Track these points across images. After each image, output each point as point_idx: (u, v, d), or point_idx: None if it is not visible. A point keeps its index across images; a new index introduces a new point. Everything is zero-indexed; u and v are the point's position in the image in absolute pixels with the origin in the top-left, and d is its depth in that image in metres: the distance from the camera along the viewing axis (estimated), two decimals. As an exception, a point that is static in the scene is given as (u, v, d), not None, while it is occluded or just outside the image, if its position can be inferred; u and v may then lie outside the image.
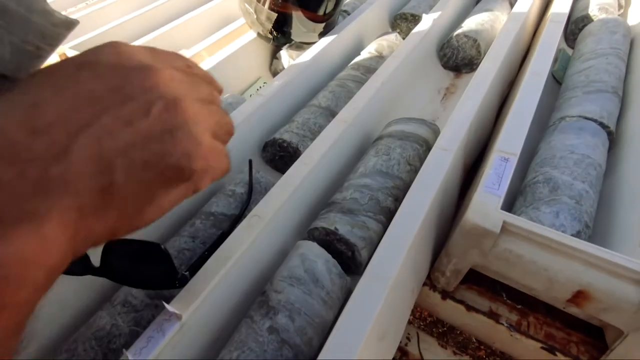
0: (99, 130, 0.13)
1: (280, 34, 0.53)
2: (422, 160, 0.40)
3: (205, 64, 0.50)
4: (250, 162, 0.38)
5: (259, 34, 0.55)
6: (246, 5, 0.51)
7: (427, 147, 0.41)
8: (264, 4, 0.50)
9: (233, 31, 0.58)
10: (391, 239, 0.27)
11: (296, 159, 0.41)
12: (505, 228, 0.27)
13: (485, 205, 0.28)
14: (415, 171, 0.39)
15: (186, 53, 0.53)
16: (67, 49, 0.62)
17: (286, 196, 0.32)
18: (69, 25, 0.20)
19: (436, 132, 0.42)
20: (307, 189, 0.35)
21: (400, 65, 0.47)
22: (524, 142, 0.33)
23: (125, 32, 0.62)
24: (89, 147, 0.13)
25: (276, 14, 0.50)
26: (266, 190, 0.37)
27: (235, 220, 0.33)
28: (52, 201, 0.12)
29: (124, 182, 0.14)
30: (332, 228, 0.32)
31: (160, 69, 0.15)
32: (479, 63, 0.57)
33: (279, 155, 0.44)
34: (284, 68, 0.57)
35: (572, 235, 0.29)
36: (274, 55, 0.59)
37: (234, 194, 0.36)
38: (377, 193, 0.34)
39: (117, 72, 0.15)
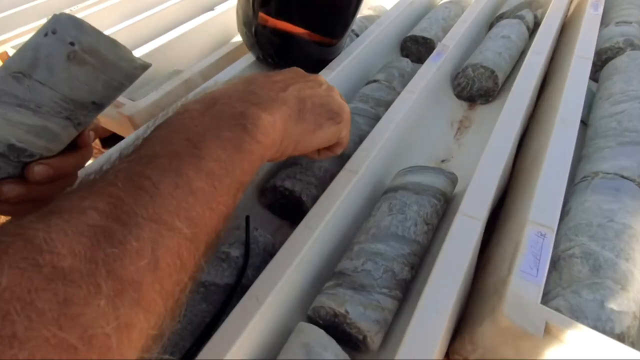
0: (297, 87, 0.28)
1: (281, 59, 0.48)
2: (439, 216, 0.36)
3: (203, 89, 0.46)
4: (247, 219, 0.33)
5: (258, 57, 0.50)
6: (244, 28, 0.46)
7: (445, 199, 0.36)
8: (264, 26, 0.45)
9: (231, 52, 0.53)
10: (420, 328, 0.23)
11: (299, 210, 0.37)
12: (549, 330, 0.23)
13: (523, 297, 0.24)
14: (432, 230, 0.35)
15: (181, 76, 0.48)
16: (9, 47, 0.58)
17: (289, 271, 0.28)
18: (144, 67, 0.26)
19: (454, 182, 0.38)
20: (312, 256, 0.31)
21: (415, 102, 0.43)
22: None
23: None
24: (294, 92, 0.27)
25: (278, 38, 0.46)
26: (265, 250, 0.33)
27: (229, 295, 0.29)
28: (280, 104, 0.25)
29: (309, 109, 0.28)
30: (343, 310, 0.27)
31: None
32: (495, 95, 0.53)
33: (279, 203, 0.39)
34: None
35: (622, 332, 0.25)
36: (275, 79, 0.54)
37: (227, 257, 0.31)
38: (393, 263, 0.30)
39: (301, 72, 0.31)
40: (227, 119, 0.22)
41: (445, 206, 0.37)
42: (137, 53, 0.53)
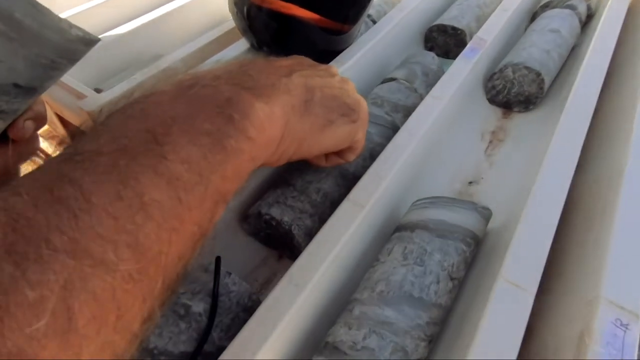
0: (304, 74, 0.23)
1: (280, 47, 0.40)
2: (467, 266, 0.28)
3: None
4: (217, 261, 0.26)
5: (252, 44, 0.41)
6: (235, 8, 0.37)
7: (476, 243, 0.28)
8: (259, 6, 0.36)
9: (221, 36, 0.44)
10: None
11: (289, 243, 0.29)
12: None
13: None
14: (458, 285, 0.27)
15: (158, 64, 0.40)
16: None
17: (269, 342, 0.21)
18: (88, 42, 0.21)
19: (487, 219, 0.30)
20: (298, 322, 0.23)
21: (442, 110, 0.34)
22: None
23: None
24: (300, 78, 0.22)
25: (276, 22, 0.37)
26: (239, 304, 0.25)
27: (183, 371, 0.21)
28: (281, 92, 0.20)
29: (318, 100, 0.23)
30: (332, 412, 0.20)
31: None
32: (538, 102, 0.44)
33: (266, 233, 0.31)
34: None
35: None
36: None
37: (187, 313, 0.24)
38: (405, 338, 0.22)
39: (310, 61, 0.26)
40: (207, 106, 0.17)
41: (475, 251, 0.29)
42: (111, 36, 0.45)
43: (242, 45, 0.42)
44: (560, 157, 0.30)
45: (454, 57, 0.53)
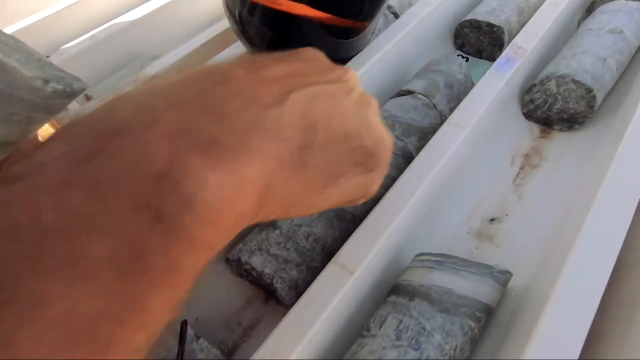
0: (307, 94, 0.15)
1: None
2: (474, 344, 0.23)
3: None
4: (182, 326, 0.23)
5: (250, 48, 0.36)
6: (227, 9, 0.32)
7: (487, 315, 0.24)
8: (252, 5, 0.31)
9: (217, 36, 0.39)
10: None
11: (273, 294, 0.26)
12: None
13: None
14: (462, 370, 0.22)
15: (143, 73, 0.36)
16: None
17: None
18: (69, 95, 0.19)
19: (505, 284, 0.25)
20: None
21: (464, 140, 0.29)
22: None
23: (64, 23, 0.44)
24: (298, 104, 0.14)
25: (272, 24, 0.32)
26: (206, 375, 0.23)
27: None
28: (263, 139, 0.13)
29: (322, 145, 0.15)
30: None
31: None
32: (585, 122, 0.37)
33: (248, 278, 0.28)
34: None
35: None
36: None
37: (147, 385, 0.21)
38: None
39: (321, 60, 0.18)
40: (118, 198, 0.10)
41: (485, 324, 0.24)
42: (85, 39, 0.41)
43: (239, 47, 0.37)
44: (617, 195, 0.24)
45: (488, 58, 0.46)
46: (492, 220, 0.33)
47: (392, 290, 0.25)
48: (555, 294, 0.20)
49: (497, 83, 0.32)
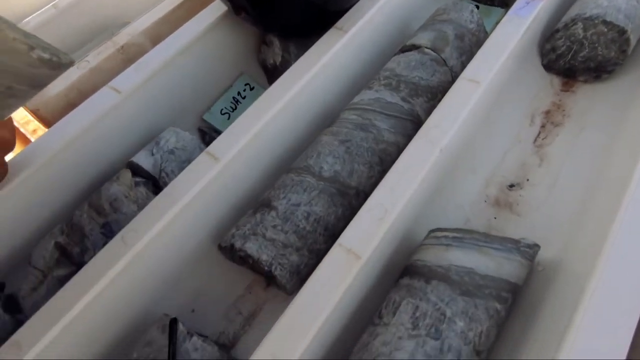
0: None
1: (261, 12, 0.30)
2: (500, 327, 0.21)
3: (151, 58, 0.30)
4: (172, 324, 0.20)
5: (230, 9, 0.32)
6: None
7: (514, 295, 0.21)
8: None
9: (186, 1, 0.35)
10: None
11: (274, 280, 0.24)
12: None
13: None
14: (487, 356, 0.20)
15: (115, 40, 0.32)
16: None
17: None
18: (56, 66, 0.17)
19: (533, 258, 0.22)
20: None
21: (481, 98, 0.25)
22: None
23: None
24: None
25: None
26: (202, 375, 0.20)
27: None
28: None
29: None
30: None
31: None
32: (615, 70, 0.32)
33: (245, 265, 0.26)
34: (278, 60, 0.35)
35: None
36: (263, 39, 0.36)
37: (138, 391, 0.19)
38: None
39: None
40: None
41: (512, 304, 0.22)
42: (47, 9, 0.36)
43: (217, 9, 0.33)
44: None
45: (500, 5, 0.40)
46: (511, 186, 0.30)
47: (404, 271, 0.22)
48: (600, 270, 0.17)
49: (515, 30, 0.28)
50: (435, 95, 0.30)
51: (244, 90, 0.37)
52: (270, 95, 0.26)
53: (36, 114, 0.29)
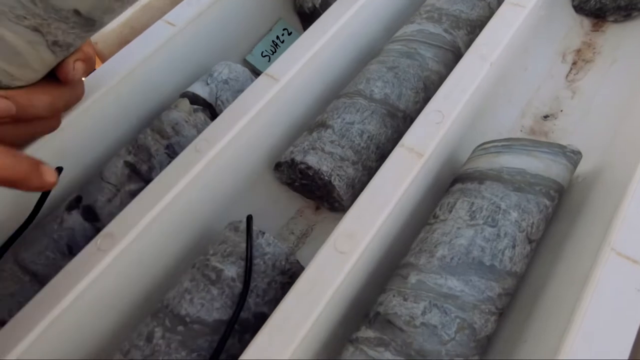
0: None
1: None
2: (548, 223, 0.23)
3: (183, 10, 0.31)
4: (249, 220, 0.22)
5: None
6: None
7: (560, 195, 0.23)
8: None
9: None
10: None
11: (328, 196, 0.26)
12: None
13: None
14: (536, 248, 0.22)
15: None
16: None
17: (313, 314, 0.18)
18: None
19: (576, 164, 0.24)
20: (345, 290, 0.20)
21: (523, 23, 0.26)
22: None
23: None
24: None
25: None
26: (275, 268, 0.22)
27: (222, 338, 0.19)
28: None
29: None
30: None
31: None
32: (646, 7, 0.33)
33: (301, 183, 0.27)
34: (318, 2, 0.36)
35: None
36: (301, -17, 0.37)
37: (219, 278, 0.21)
38: (473, 314, 0.19)
39: None
40: None
41: (558, 205, 0.23)
42: None
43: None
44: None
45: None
46: (545, 117, 0.32)
47: (455, 180, 0.24)
48: (635, 182, 0.18)
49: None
50: (474, 29, 0.31)
51: (282, 35, 0.38)
52: (323, 23, 0.27)
53: (94, 47, 0.30)
